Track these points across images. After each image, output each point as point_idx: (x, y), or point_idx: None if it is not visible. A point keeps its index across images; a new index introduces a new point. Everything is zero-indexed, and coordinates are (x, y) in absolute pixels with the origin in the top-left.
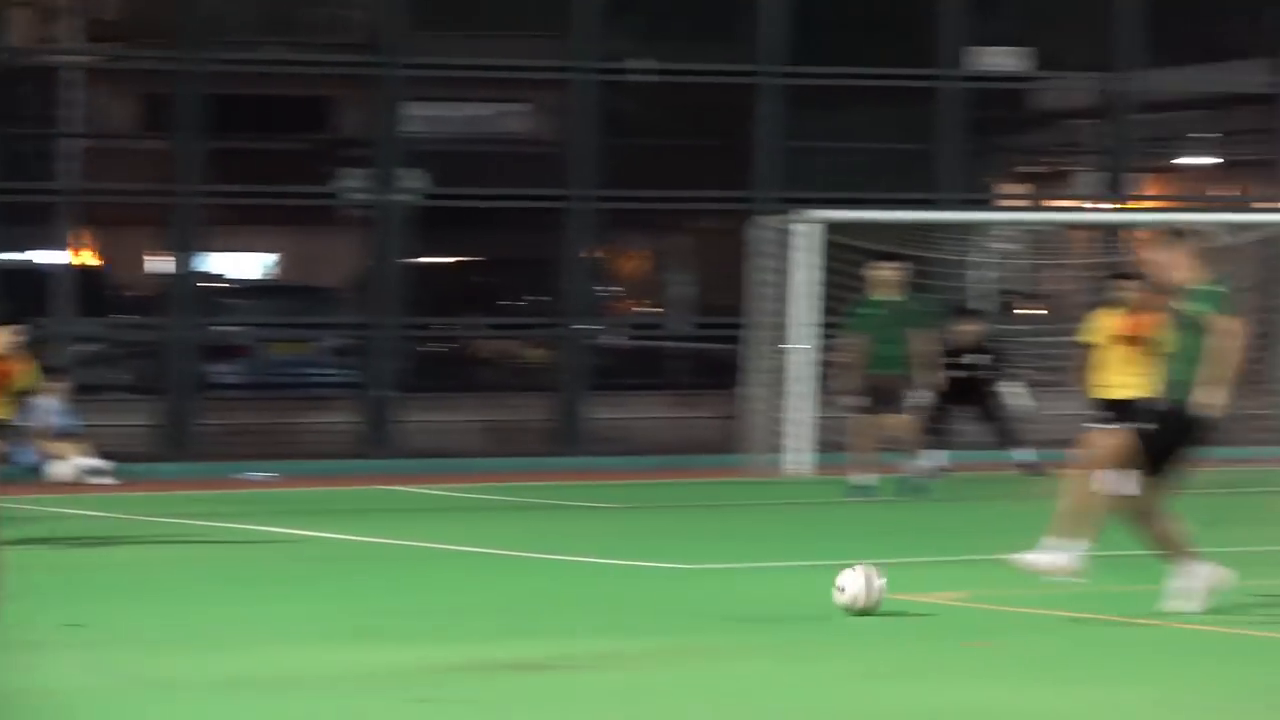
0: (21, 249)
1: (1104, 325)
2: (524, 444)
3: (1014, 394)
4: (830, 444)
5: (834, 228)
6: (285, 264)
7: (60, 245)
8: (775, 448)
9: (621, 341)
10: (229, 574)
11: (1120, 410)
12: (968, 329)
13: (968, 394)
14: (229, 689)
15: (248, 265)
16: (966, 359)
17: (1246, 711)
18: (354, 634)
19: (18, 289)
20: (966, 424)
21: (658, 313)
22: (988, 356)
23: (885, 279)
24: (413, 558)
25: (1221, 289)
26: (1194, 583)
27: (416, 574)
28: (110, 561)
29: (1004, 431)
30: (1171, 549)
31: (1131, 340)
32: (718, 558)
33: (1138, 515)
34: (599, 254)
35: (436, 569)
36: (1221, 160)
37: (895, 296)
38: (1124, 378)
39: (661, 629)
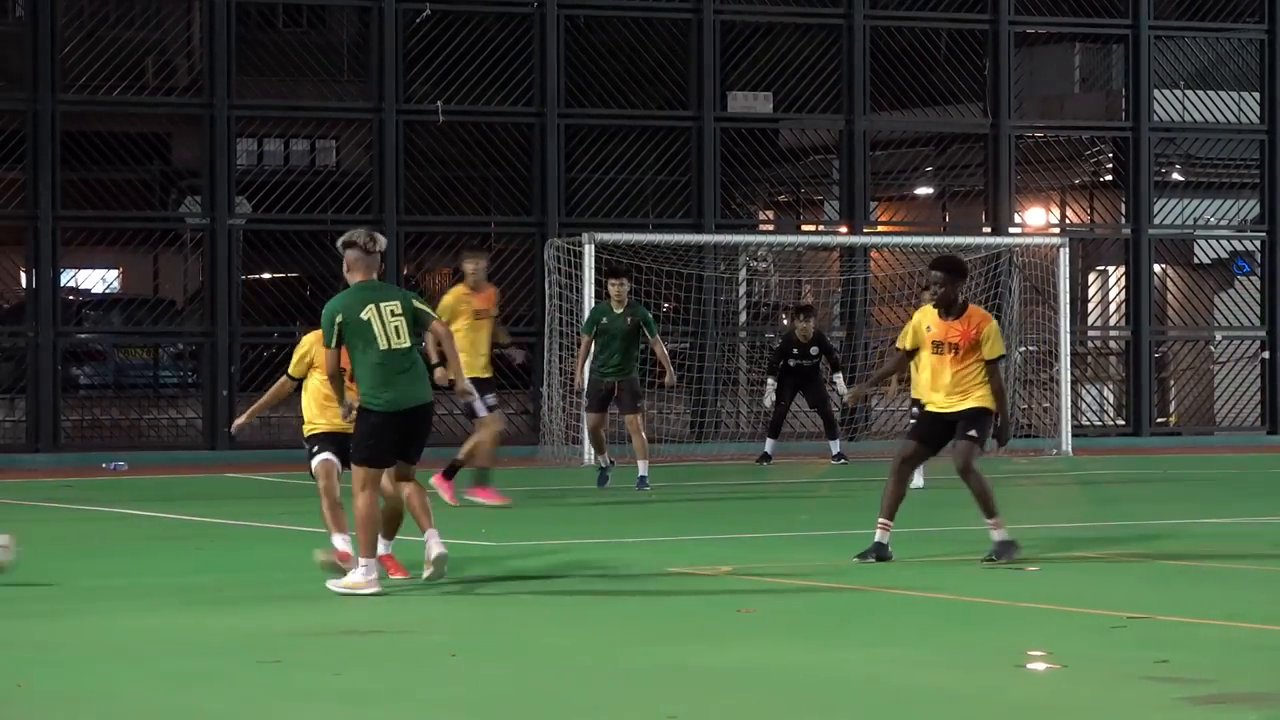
0: None
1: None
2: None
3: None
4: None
5: (609, 248)
6: (133, 278)
7: None
8: (568, 440)
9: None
10: (91, 550)
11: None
12: (804, 326)
13: (803, 386)
14: (100, 651)
15: (98, 281)
16: (796, 353)
17: (980, 664)
18: (198, 603)
19: None
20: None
21: None
22: (818, 351)
23: (616, 293)
24: (246, 535)
25: None
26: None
27: (250, 549)
28: None
29: (829, 422)
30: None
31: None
32: (525, 537)
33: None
34: (406, 271)
35: (267, 545)
36: (941, 191)
37: (620, 308)
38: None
39: (476, 597)
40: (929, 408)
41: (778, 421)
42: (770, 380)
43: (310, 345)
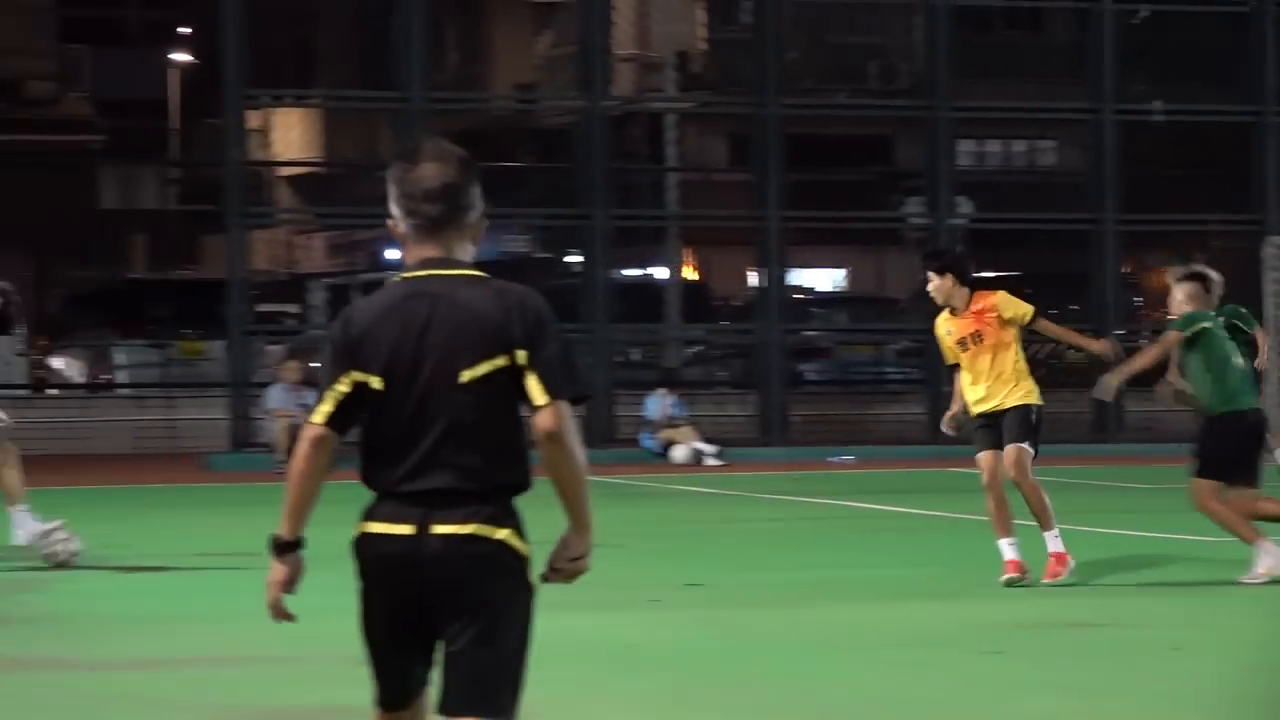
0: (637, 266)
1: None
2: (1069, 431)
3: None
4: None
5: None
6: (857, 277)
7: (668, 262)
8: None
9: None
10: (819, 541)
11: None
12: None
13: None
14: (822, 644)
15: (821, 280)
16: None
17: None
18: (923, 594)
19: (634, 299)
20: None
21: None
22: None
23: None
24: (973, 529)
25: None
26: None
27: (976, 543)
28: (721, 530)
29: None
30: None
31: None
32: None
33: None
34: (1124, 270)
35: (987, 538)
36: None
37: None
38: None
39: (1193, 593)
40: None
41: None
42: None
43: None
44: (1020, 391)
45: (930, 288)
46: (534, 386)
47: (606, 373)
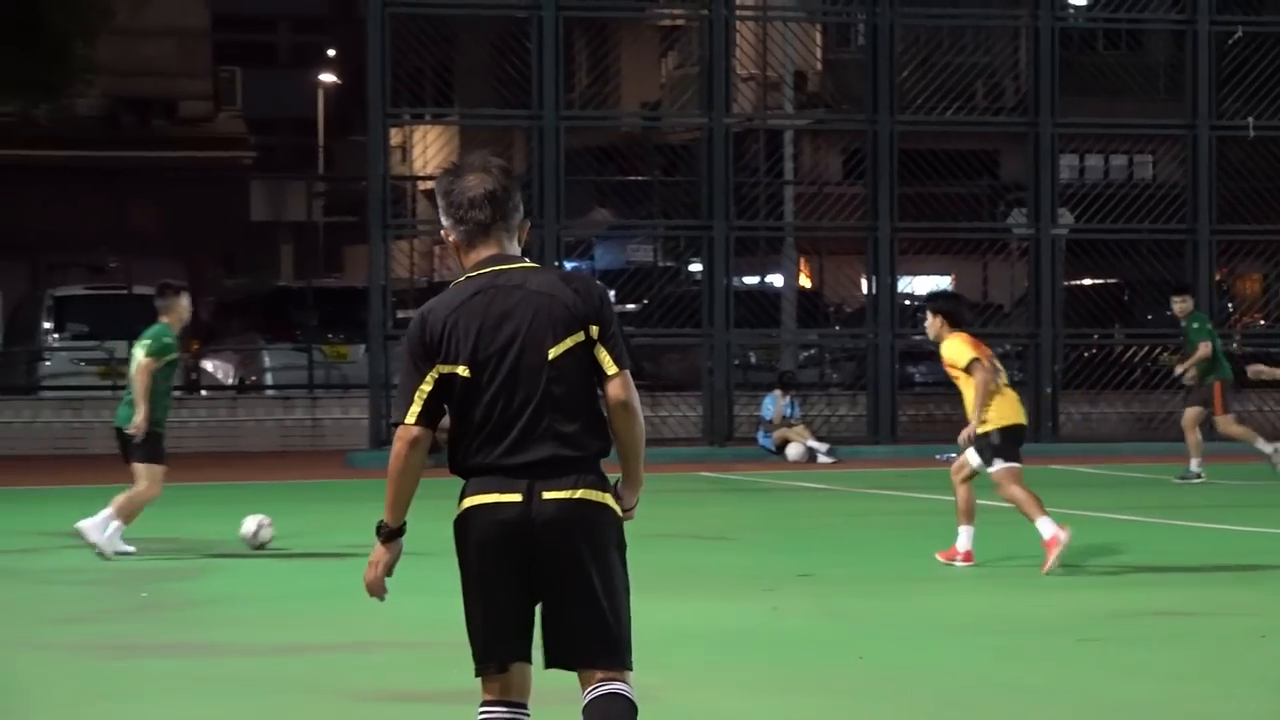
0: (755, 274)
1: None
2: (1165, 431)
3: None
4: None
5: None
6: (963, 285)
7: (784, 271)
8: None
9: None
10: (926, 533)
11: None
12: None
13: None
14: (929, 631)
15: (931, 286)
16: None
17: None
18: (1022, 584)
19: (752, 305)
20: None
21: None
22: None
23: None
24: (1068, 521)
25: None
26: None
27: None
28: (832, 524)
29: None
30: None
31: None
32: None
33: None
34: (1219, 277)
35: (1086, 531)
36: None
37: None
38: None
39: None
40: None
41: None
42: None
43: None
44: (981, 423)
45: (926, 324)
46: (605, 358)
47: (726, 375)
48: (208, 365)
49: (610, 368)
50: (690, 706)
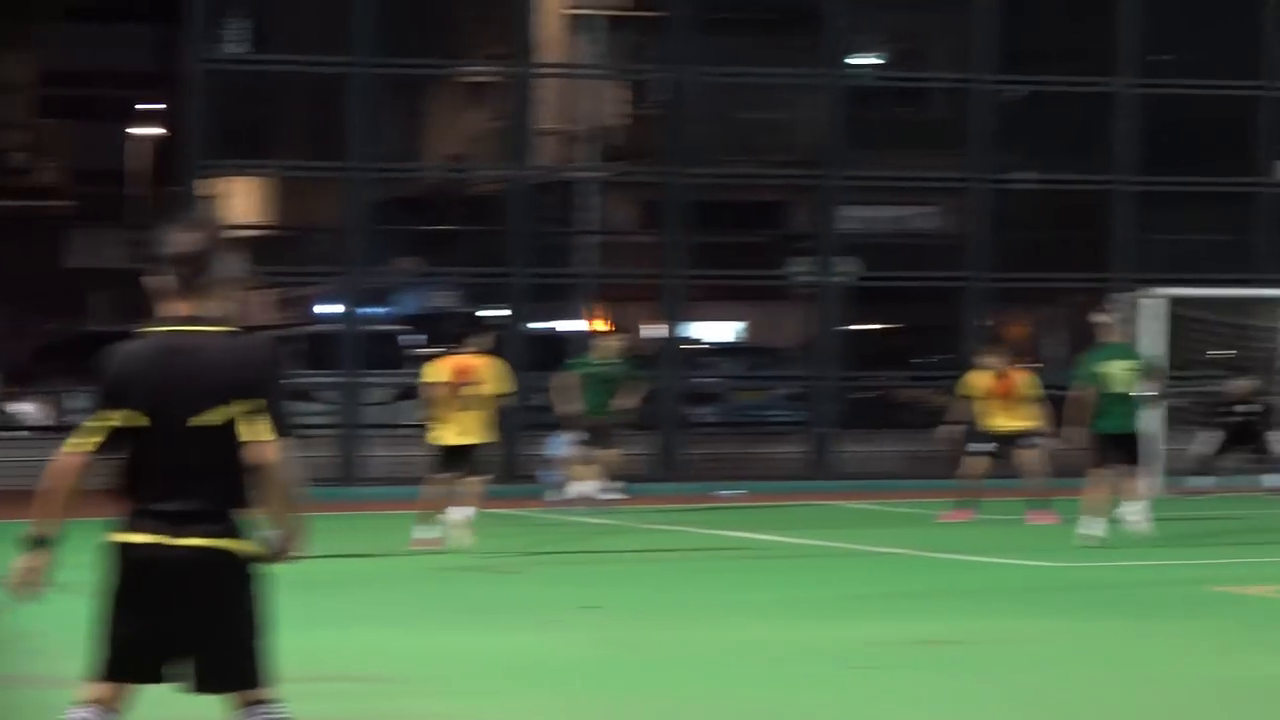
0: (547, 319)
1: None
2: (934, 468)
3: None
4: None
5: (1175, 302)
6: (748, 330)
7: (577, 316)
8: None
9: None
10: (710, 568)
11: None
12: (1242, 385)
13: (1243, 437)
14: (715, 656)
15: (720, 331)
16: (1239, 409)
17: None
18: (801, 614)
19: (541, 350)
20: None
21: (1038, 367)
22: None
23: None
24: (843, 556)
25: None
26: None
27: (845, 568)
28: (618, 558)
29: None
30: None
31: None
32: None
33: None
34: (989, 322)
35: (860, 565)
36: None
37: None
38: None
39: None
40: None
41: None
42: None
43: None
44: None
45: None
46: (261, 427)
47: (519, 414)
48: (23, 406)
49: (266, 435)
50: None
